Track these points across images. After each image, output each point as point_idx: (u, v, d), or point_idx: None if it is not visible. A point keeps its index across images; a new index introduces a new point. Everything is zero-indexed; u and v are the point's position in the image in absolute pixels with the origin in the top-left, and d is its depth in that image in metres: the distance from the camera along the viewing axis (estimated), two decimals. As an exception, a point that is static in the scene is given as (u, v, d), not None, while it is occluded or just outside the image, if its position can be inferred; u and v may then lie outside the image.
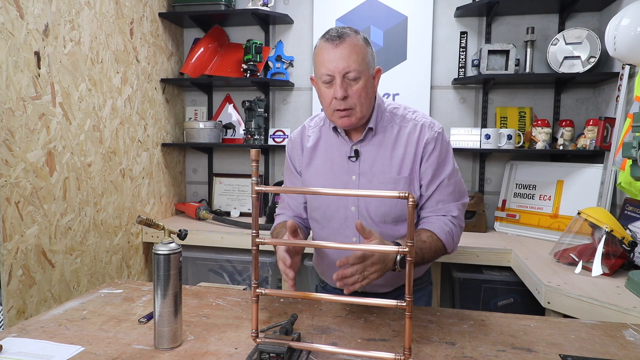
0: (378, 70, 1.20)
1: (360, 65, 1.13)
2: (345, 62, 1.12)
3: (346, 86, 1.14)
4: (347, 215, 1.25)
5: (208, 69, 2.62)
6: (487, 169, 2.50)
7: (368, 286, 1.26)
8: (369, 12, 2.50)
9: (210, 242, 2.29)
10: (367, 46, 1.16)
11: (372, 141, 1.24)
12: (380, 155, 1.23)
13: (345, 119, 1.17)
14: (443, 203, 1.23)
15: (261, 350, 0.82)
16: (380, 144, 1.23)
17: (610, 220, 1.58)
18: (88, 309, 1.14)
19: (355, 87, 1.14)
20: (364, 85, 1.14)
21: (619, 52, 1.58)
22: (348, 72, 1.13)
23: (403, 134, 1.23)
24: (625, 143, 1.28)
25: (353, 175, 1.24)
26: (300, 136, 1.35)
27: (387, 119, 1.26)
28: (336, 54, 1.12)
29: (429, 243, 1.17)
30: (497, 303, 2.11)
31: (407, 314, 0.75)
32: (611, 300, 1.31)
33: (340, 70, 1.12)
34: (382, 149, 1.23)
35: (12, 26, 1.56)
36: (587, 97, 2.37)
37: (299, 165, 1.34)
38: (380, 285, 1.29)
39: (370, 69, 1.17)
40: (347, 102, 1.14)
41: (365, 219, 1.23)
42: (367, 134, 1.24)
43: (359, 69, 1.13)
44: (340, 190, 0.81)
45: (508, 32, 2.41)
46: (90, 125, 1.96)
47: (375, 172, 1.23)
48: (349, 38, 1.13)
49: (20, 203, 1.61)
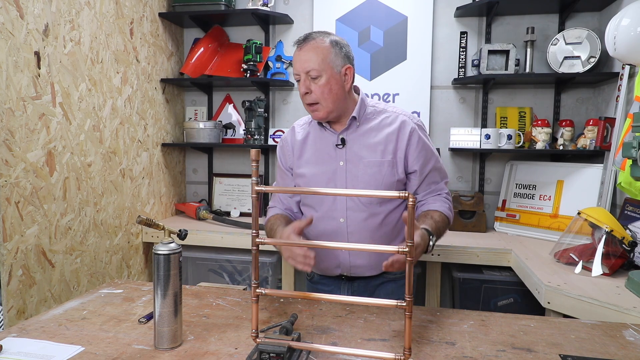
0: (347, 68, 1.31)
1: (320, 64, 1.26)
2: (307, 62, 1.27)
3: (309, 83, 1.28)
4: (335, 199, 1.37)
5: (208, 69, 2.62)
6: (487, 169, 2.50)
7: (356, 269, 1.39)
8: (369, 12, 2.50)
9: (210, 242, 2.29)
10: (332, 47, 1.28)
11: (357, 130, 1.36)
12: (364, 142, 1.35)
13: (315, 113, 1.32)
14: (435, 184, 1.40)
15: (261, 350, 0.82)
16: (364, 132, 1.36)
17: (610, 220, 1.58)
18: (88, 309, 1.14)
19: (318, 84, 1.27)
20: (326, 82, 1.27)
21: (619, 52, 1.58)
22: (309, 71, 1.27)
23: (385, 123, 1.37)
24: (625, 143, 1.28)
25: (340, 161, 1.36)
26: (289, 135, 1.48)
27: (370, 111, 1.39)
28: (300, 56, 1.28)
29: (441, 221, 1.30)
30: (497, 303, 2.11)
31: (407, 314, 0.75)
32: (611, 300, 1.31)
33: (303, 69, 1.27)
34: (366, 136, 1.36)
35: (12, 26, 1.56)
36: (587, 97, 2.37)
37: (290, 161, 1.46)
38: (366, 267, 1.39)
39: (335, 67, 1.28)
40: (311, 97, 1.29)
41: (352, 200, 1.35)
42: (351, 123, 1.36)
43: (319, 68, 1.26)
44: (339, 190, 0.82)
45: (508, 32, 2.41)
46: (90, 125, 1.96)
47: (361, 156, 1.34)
48: (313, 41, 1.28)
49: (20, 203, 1.61)
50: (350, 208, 1.35)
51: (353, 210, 1.35)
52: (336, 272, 1.42)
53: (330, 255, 1.40)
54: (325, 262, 1.42)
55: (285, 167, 1.47)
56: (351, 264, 1.38)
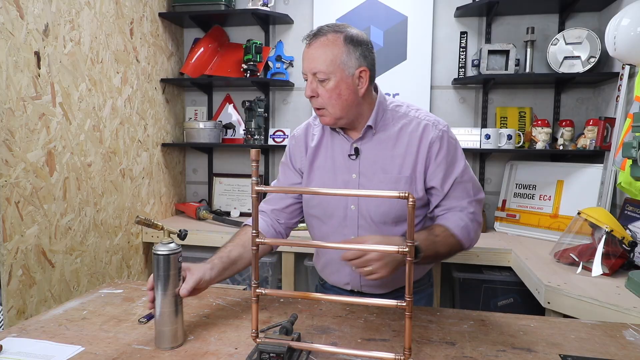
0: (362, 71, 1.13)
1: (329, 66, 1.09)
2: (314, 62, 1.11)
3: (315, 86, 1.13)
4: (346, 214, 1.23)
5: (208, 69, 2.62)
6: (487, 169, 2.50)
7: (366, 287, 1.28)
8: (369, 12, 2.50)
9: (210, 242, 2.29)
10: (345, 45, 1.10)
11: (373, 139, 1.21)
12: (381, 154, 1.20)
13: (322, 118, 1.17)
14: (457, 200, 1.19)
15: (261, 350, 0.82)
16: (381, 142, 1.20)
17: (610, 220, 1.58)
18: (88, 309, 1.14)
19: (325, 88, 1.12)
20: (334, 86, 1.11)
21: (619, 52, 1.58)
22: (316, 73, 1.11)
23: (405, 132, 1.20)
24: (625, 143, 1.28)
25: (353, 173, 1.22)
26: (304, 134, 1.32)
27: (388, 117, 1.22)
28: (308, 54, 1.12)
29: (442, 237, 1.13)
30: (497, 303, 2.11)
31: (407, 314, 0.75)
32: (611, 300, 1.31)
33: (310, 69, 1.12)
34: (383, 147, 1.20)
35: (12, 26, 1.56)
36: (587, 97, 2.36)
37: (300, 163, 1.32)
38: (378, 286, 1.28)
39: (347, 69, 1.11)
40: (317, 101, 1.14)
41: (365, 219, 1.21)
42: (366, 132, 1.21)
43: (327, 70, 1.10)
44: (338, 190, 0.81)
45: (508, 32, 2.41)
46: (90, 125, 1.96)
47: (375, 170, 1.20)
48: (323, 37, 1.11)
49: (20, 203, 1.61)
50: (361, 226, 1.22)
51: (364, 229, 1.21)
52: (347, 288, 1.32)
53: (340, 271, 1.30)
54: (336, 275, 1.33)
55: (294, 167, 1.33)
56: (362, 282, 1.28)
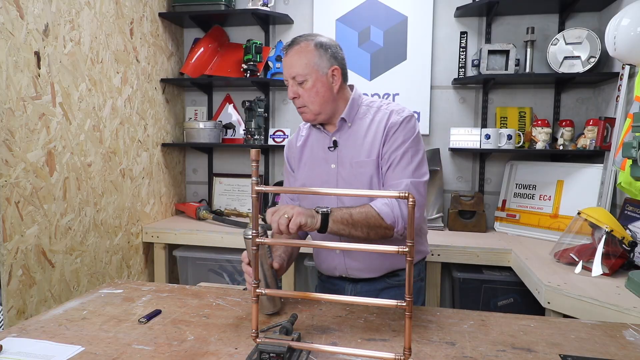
0: (334, 69, 1.29)
1: (304, 69, 1.25)
2: (292, 68, 1.27)
3: (296, 88, 1.28)
4: None
5: (208, 69, 2.62)
6: (487, 169, 2.50)
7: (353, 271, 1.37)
8: (369, 12, 2.50)
9: (210, 242, 2.29)
10: (317, 50, 1.26)
11: (348, 131, 1.34)
12: (355, 143, 1.32)
13: (304, 115, 1.32)
14: (394, 179, 1.25)
15: (261, 350, 0.82)
16: (355, 133, 1.34)
17: (610, 220, 1.58)
18: (88, 309, 1.14)
19: (304, 88, 1.27)
20: (311, 86, 1.27)
21: (619, 52, 1.58)
22: (295, 76, 1.27)
23: (375, 122, 1.32)
24: (625, 143, 1.28)
25: (332, 164, 1.35)
26: (295, 139, 1.47)
27: (362, 111, 1.35)
28: (286, 62, 1.29)
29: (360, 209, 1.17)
30: (497, 303, 2.11)
31: (407, 314, 0.75)
32: (611, 300, 1.31)
33: (290, 74, 1.28)
34: (357, 137, 1.33)
35: (12, 26, 1.56)
36: (587, 97, 2.36)
37: (294, 164, 1.46)
38: (365, 270, 1.37)
39: (321, 70, 1.27)
40: (299, 101, 1.29)
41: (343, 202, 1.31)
42: (341, 125, 1.34)
43: (304, 72, 1.25)
44: (339, 190, 0.82)
45: (508, 32, 2.41)
46: (90, 125, 1.96)
47: (350, 158, 1.32)
48: (297, 46, 1.27)
49: (20, 203, 1.61)
50: None
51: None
52: (336, 274, 1.42)
53: (328, 258, 1.41)
54: (325, 263, 1.43)
55: (290, 169, 1.48)
56: (347, 265, 1.38)
